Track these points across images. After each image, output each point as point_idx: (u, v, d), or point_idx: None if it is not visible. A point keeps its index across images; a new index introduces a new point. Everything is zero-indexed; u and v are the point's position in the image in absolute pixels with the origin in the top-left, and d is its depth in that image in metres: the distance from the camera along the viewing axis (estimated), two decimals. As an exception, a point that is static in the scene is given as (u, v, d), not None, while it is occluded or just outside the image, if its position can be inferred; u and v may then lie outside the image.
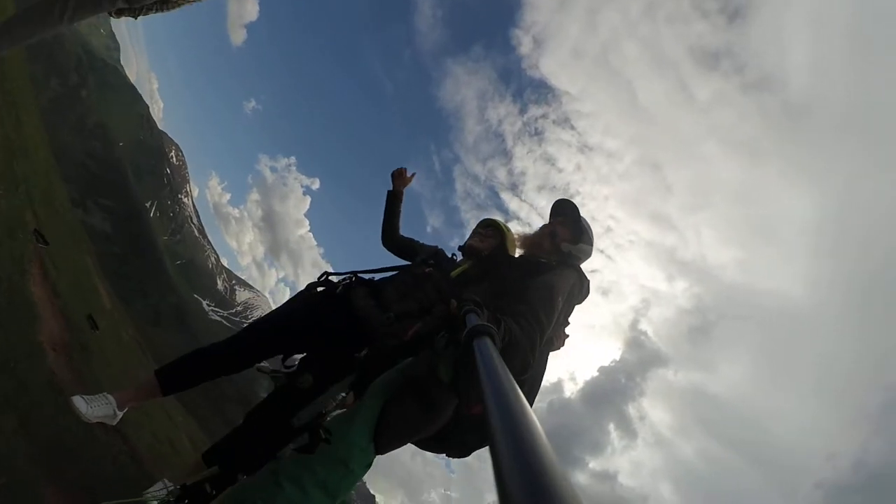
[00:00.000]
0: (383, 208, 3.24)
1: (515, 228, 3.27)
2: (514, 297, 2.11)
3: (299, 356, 2.79)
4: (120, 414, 2.62)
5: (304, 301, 2.84)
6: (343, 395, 1.89)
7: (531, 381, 2.31)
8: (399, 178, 3.25)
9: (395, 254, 3.16)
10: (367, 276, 2.95)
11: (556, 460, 0.55)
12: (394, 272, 3.01)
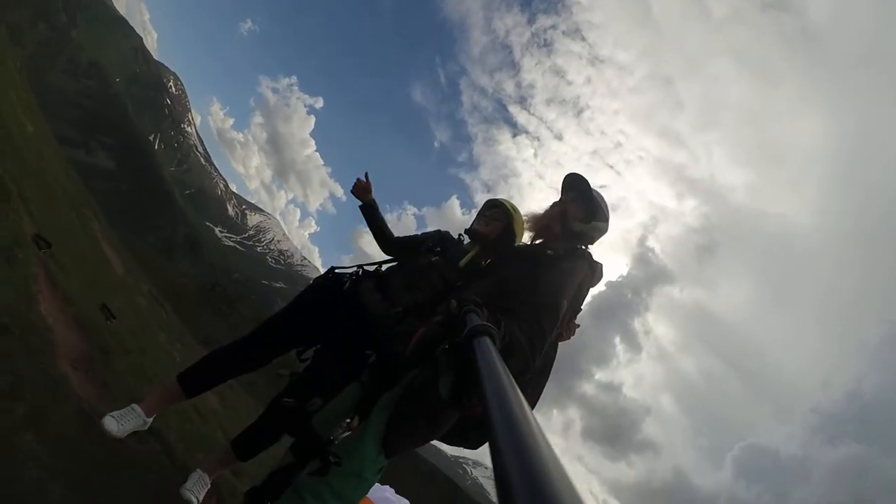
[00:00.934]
0: (367, 222, 3.15)
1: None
2: (517, 298, 2.08)
3: (313, 348, 2.86)
4: (149, 420, 2.74)
5: (313, 297, 2.86)
6: (349, 420, 1.95)
7: (538, 373, 2.31)
8: (361, 190, 3.10)
9: (399, 256, 3.07)
10: (372, 269, 2.90)
11: (556, 459, 0.57)
12: (400, 263, 2.97)
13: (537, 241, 2.66)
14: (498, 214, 2.97)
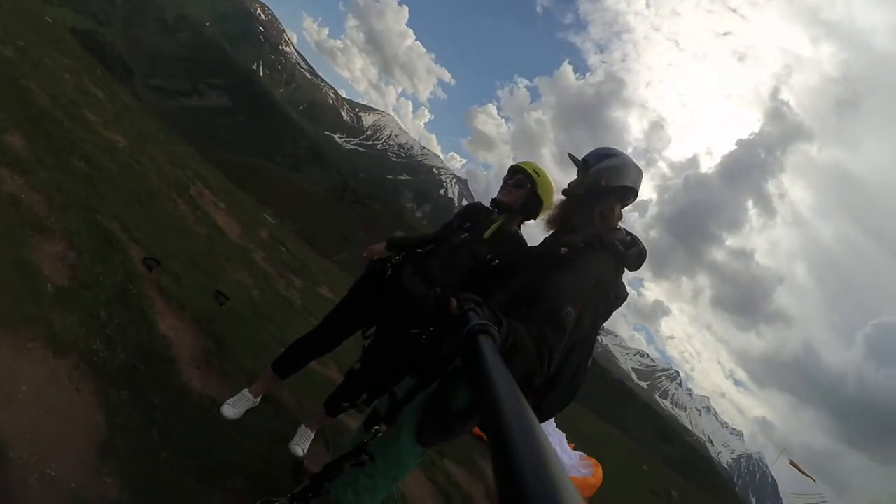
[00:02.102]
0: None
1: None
2: (528, 304, 2.07)
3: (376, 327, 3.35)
4: (258, 399, 3.58)
5: (361, 288, 3.32)
6: (376, 428, 2.42)
7: (569, 378, 2.26)
8: (372, 259, 3.26)
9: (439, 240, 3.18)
10: (412, 253, 3.17)
11: (555, 459, 0.59)
12: (436, 245, 3.14)
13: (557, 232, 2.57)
14: (521, 181, 3.04)
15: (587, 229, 2.33)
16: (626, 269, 2.32)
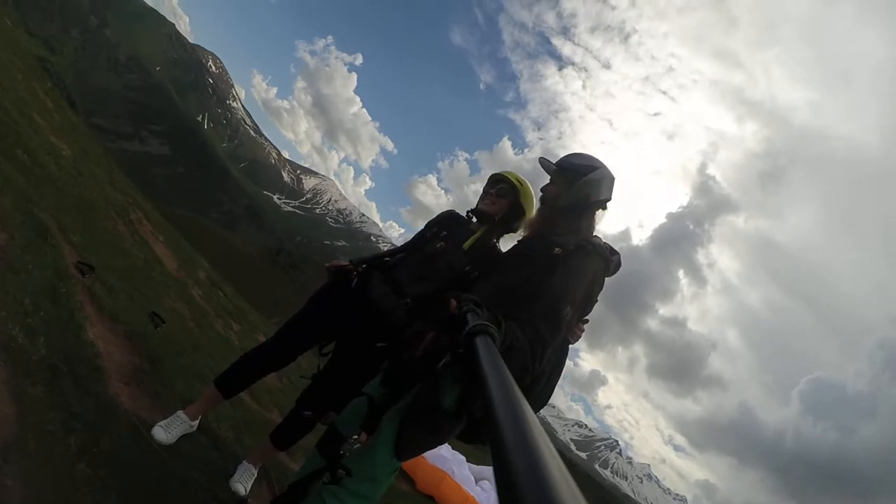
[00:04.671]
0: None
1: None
2: (521, 303, 2.06)
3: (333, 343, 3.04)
4: (195, 423, 3.11)
5: (325, 296, 2.97)
6: (356, 436, 2.13)
7: (547, 374, 2.27)
8: (337, 273, 2.95)
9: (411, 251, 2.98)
10: (379, 262, 2.94)
11: (555, 458, 0.58)
12: (408, 253, 2.95)
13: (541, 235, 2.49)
14: (503, 190, 2.91)
15: (573, 234, 2.34)
16: (609, 273, 2.34)
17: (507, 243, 2.94)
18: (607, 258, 2.27)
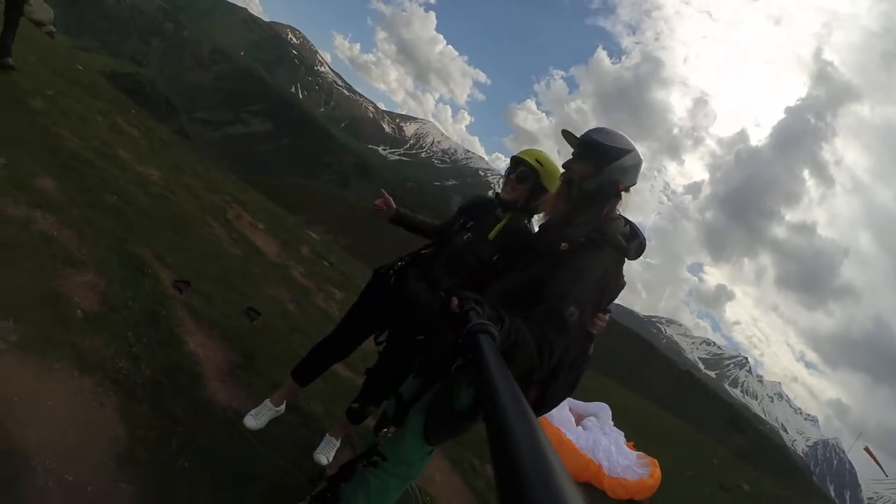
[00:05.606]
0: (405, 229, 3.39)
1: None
2: (529, 303, 2.04)
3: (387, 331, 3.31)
4: (282, 407, 3.71)
5: (368, 295, 3.37)
6: (386, 430, 2.50)
7: (569, 365, 2.24)
8: (381, 210, 3.28)
9: (441, 239, 3.16)
10: (412, 259, 3.19)
11: (555, 458, 0.60)
12: (439, 247, 3.13)
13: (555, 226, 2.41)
14: (523, 174, 2.94)
15: (588, 224, 2.24)
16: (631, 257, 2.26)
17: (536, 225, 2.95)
18: (622, 247, 2.18)
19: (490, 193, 3.18)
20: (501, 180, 3.12)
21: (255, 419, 3.53)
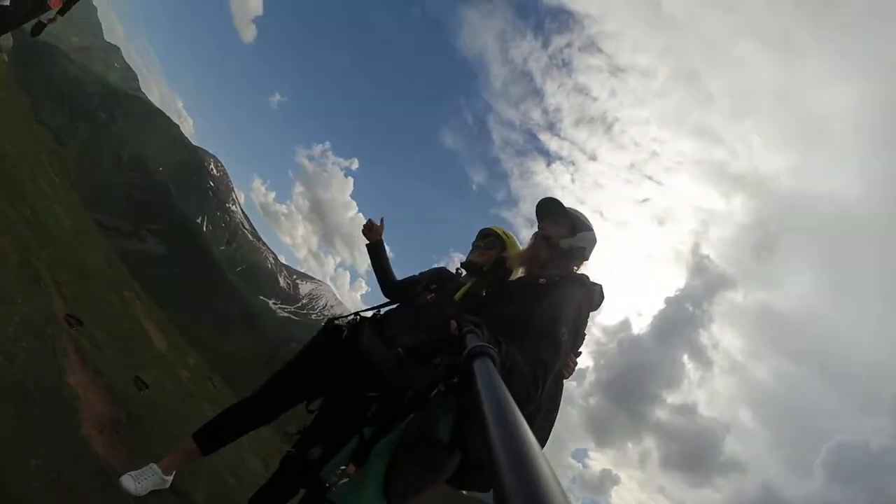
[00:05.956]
0: (372, 262, 3.31)
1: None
2: (515, 332, 2.00)
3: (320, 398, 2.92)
4: (169, 479, 2.86)
5: (314, 349, 2.95)
6: (344, 467, 1.95)
7: (546, 411, 2.27)
8: (371, 230, 3.26)
9: (398, 299, 3.11)
10: (370, 314, 2.98)
11: (555, 480, 0.59)
12: (398, 304, 3.03)
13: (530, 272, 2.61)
14: (491, 243, 3.05)
15: (561, 262, 2.50)
16: (592, 306, 2.41)
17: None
18: (590, 286, 2.38)
19: (453, 270, 3.15)
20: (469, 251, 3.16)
21: (135, 482, 2.68)
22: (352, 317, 2.98)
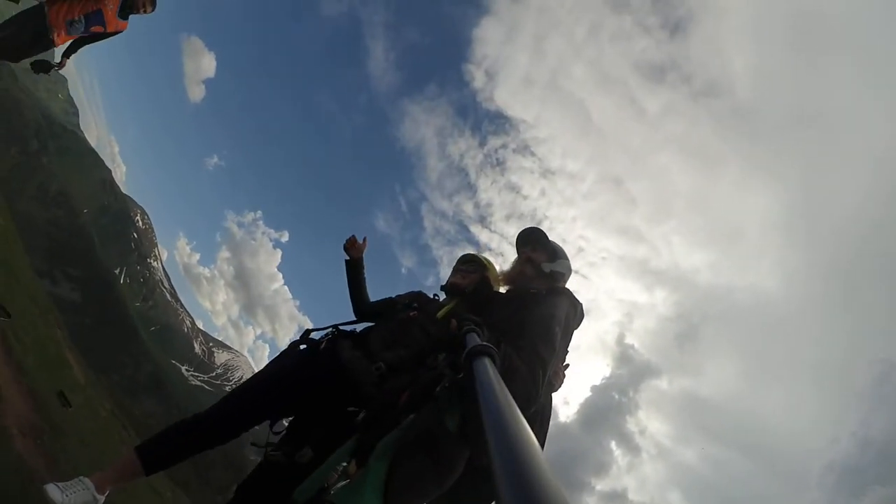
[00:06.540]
0: (348, 280, 3.18)
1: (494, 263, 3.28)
2: (510, 335, 2.02)
3: (287, 420, 2.63)
4: (101, 498, 2.38)
5: (288, 361, 2.73)
6: (344, 464, 1.71)
7: (539, 419, 2.30)
8: (352, 247, 3.18)
9: (372, 320, 3.01)
10: (349, 329, 2.88)
11: (554, 479, 0.58)
12: (377, 322, 2.93)
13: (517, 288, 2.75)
14: (473, 267, 3.11)
15: (544, 282, 2.63)
16: (576, 322, 2.49)
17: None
18: (576, 301, 2.50)
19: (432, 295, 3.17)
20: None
21: (62, 493, 2.23)
22: (329, 329, 2.84)
